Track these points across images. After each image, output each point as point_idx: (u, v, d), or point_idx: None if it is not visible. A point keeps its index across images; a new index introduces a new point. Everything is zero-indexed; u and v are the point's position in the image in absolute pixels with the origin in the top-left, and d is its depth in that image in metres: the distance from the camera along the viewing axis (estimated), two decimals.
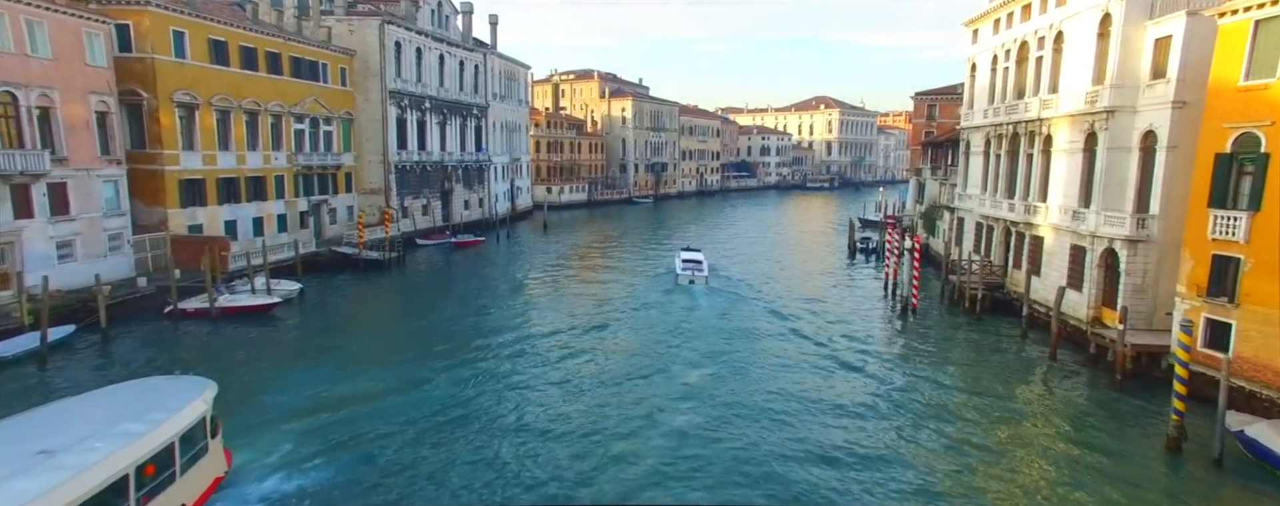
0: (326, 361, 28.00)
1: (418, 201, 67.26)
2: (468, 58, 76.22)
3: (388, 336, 34.49)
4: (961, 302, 40.17)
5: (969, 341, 34.11)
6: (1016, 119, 39.21)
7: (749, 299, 43.14)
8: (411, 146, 65.91)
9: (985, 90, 45.28)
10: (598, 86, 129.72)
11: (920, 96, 76.66)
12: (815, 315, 39.59)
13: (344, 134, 59.22)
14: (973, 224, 46.14)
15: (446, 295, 44.57)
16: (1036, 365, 29.54)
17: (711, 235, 78.41)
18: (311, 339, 32.69)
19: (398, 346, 31.28)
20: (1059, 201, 34.50)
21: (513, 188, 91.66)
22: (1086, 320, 31.07)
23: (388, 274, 50.20)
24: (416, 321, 37.14)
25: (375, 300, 43.11)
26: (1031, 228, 37.29)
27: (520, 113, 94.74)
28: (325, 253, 50.56)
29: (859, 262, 59.75)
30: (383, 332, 35.51)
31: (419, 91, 66.61)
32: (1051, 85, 36.13)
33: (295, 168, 52.22)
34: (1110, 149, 30.15)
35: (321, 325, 35.57)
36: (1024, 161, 38.94)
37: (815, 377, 27.97)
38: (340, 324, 36.53)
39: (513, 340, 32.23)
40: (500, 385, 26.01)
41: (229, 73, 44.56)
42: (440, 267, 55.73)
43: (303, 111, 53.02)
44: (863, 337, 34.71)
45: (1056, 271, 34.40)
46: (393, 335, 34.66)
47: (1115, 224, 29.33)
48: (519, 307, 40.14)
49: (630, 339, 33.38)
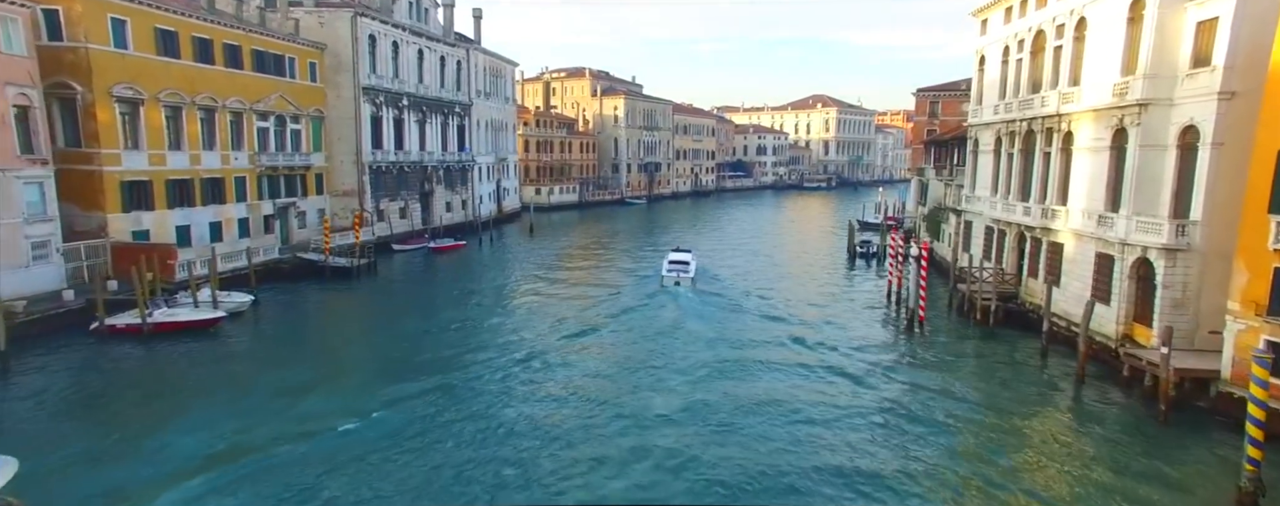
0: (256, 389, 24.63)
1: (395, 204, 63.93)
2: (449, 53, 72.90)
3: (337, 356, 31.04)
4: (972, 314, 36.99)
5: (983, 360, 30.93)
6: (1032, 115, 36.06)
7: (740, 310, 39.92)
8: (388, 146, 62.57)
9: (996, 84, 42.14)
10: (589, 84, 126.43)
11: (922, 93, 73.57)
12: (813, 327, 36.45)
13: (314, 133, 55.90)
14: (982, 228, 43.00)
15: (413, 306, 41.30)
16: (1062, 390, 26.35)
17: (705, 237, 75.24)
18: (249, 361, 29.27)
19: (345, 368, 27.93)
20: (1082, 205, 31.36)
21: (499, 189, 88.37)
22: (1115, 337, 27.91)
23: (356, 282, 46.86)
24: (372, 338, 33.81)
25: (336, 313, 39.76)
26: (1049, 233, 34.14)
27: (507, 111, 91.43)
28: (289, 259, 47.24)
29: (859, 268, 56.58)
30: (332, 352, 32.04)
31: (396, 88, 63.28)
32: (1072, 77, 32.97)
33: (258, 168, 48.91)
34: (1143, 146, 26.98)
35: (267, 343, 32.21)
36: (1040, 161, 35.79)
37: (812, 404, 24.78)
38: (288, 341, 33.15)
39: (474, 361, 28.82)
40: (445, 419, 22.56)
41: (180, 66, 41.20)
42: (414, 275, 52.43)
43: (267, 108, 49.70)
44: (865, 355, 31.50)
45: (1079, 282, 31.25)
46: (343, 355, 31.22)
47: (1149, 230, 26.17)
48: (488, 321, 36.82)
49: (609, 357, 30.12)
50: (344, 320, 38.12)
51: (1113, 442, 21.35)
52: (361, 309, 41.42)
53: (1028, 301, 36.05)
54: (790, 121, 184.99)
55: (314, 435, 20.76)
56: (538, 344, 31.75)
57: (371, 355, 29.87)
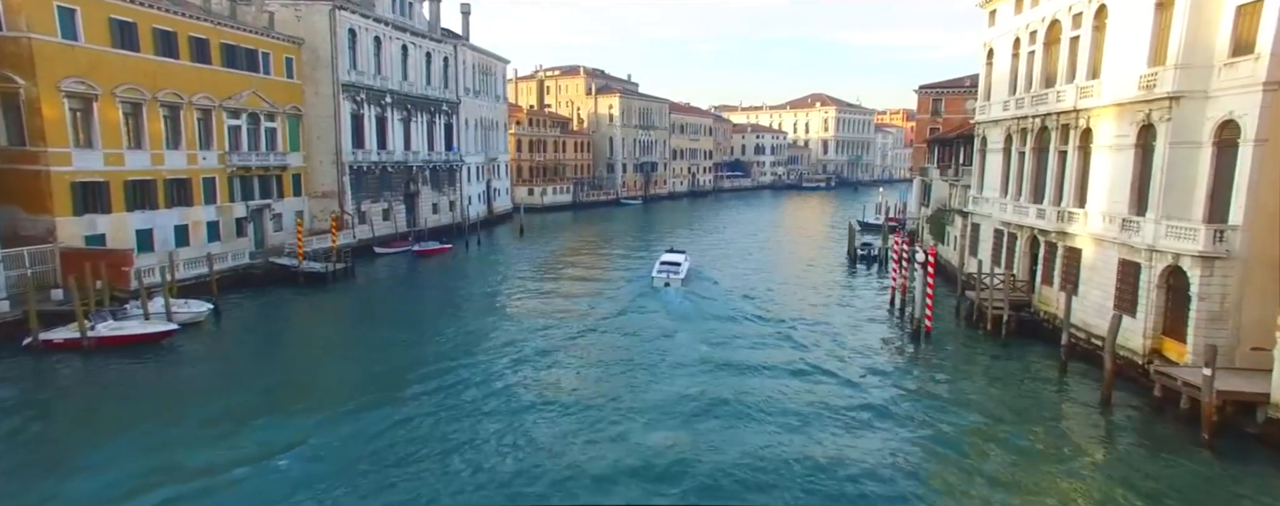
0: (191, 415, 22.09)
1: (377, 205, 61.49)
2: (436, 49, 70.46)
3: (292, 374, 28.30)
4: (982, 323, 34.67)
5: (997, 375, 28.55)
6: (1046, 111, 33.70)
7: (734, 319, 37.52)
8: (370, 145, 60.14)
9: (1005, 79, 39.76)
10: (584, 83, 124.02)
11: (924, 89, 71.22)
12: (811, 336, 34.15)
13: (291, 131, 53.49)
14: (990, 231, 40.66)
15: (386, 315, 38.88)
16: (1087, 411, 23.96)
17: (702, 239, 72.94)
18: (193, 380, 26.59)
19: (298, 388, 25.34)
20: (1102, 207, 28.99)
21: (489, 189, 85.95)
22: (1142, 352, 25.56)
23: (330, 289, 44.43)
24: (336, 352, 31.33)
25: (303, 323, 37.26)
26: (1066, 237, 31.78)
27: (498, 109, 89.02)
28: (261, 265, 44.80)
29: (860, 272, 54.20)
30: (289, 368, 29.29)
31: (379, 85, 60.85)
32: (1091, 70, 30.60)
33: (229, 169, 46.47)
34: (1173, 144, 24.60)
35: (218, 359, 29.60)
36: (1055, 160, 33.43)
37: (810, 425, 22.44)
38: (243, 357, 30.52)
39: (436, 380, 26.12)
40: (399, 455, 20.06)
41: (139, 59, 38.74)
42: (393, 280, 50.00)
43: (239, 106, 47.26)
44: (868, 369, 29.17)
45: (1099, 290, 28.89)
46: (300, 371, 28.52)
47: (1182, 236, 23.79)
48: (461, 332, 34.28)
49: (589, 376, 27.73)
50: (310, 331, 35.63)
51: (1150, 475, 18.94)
52: (332, 318, 38.99)
53: (1042, 310, 33.72)
54: (789, 121, 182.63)
55: (241, 472, 18.24)
56: (508, 361, 29.26)
57: (331, 372, 27.39)
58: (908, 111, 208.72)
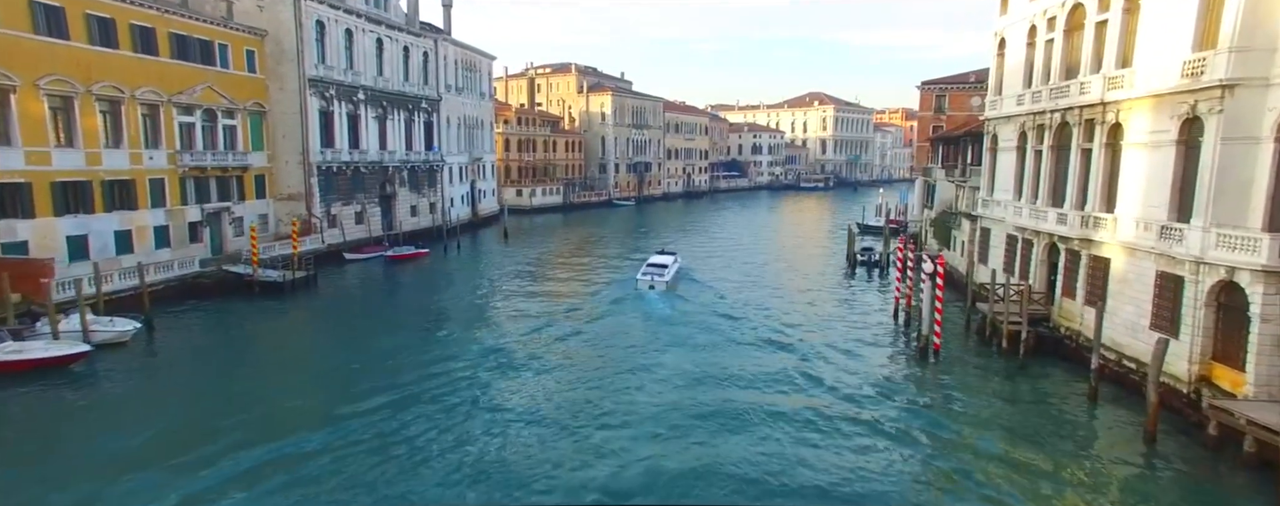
0: (50, 459, 18.58)
1: (349, 208, 58.06)
2: (414, 43, 67.03)
3: (215, 405, 23.80)
4: (995, 340, 31.37)
5: (1018, 403, 25.18)
6: (1067, 104, 30.36)
7: (723, 331, 34.19)
8: (341, 144, 56.73)
9: (1019, 71, 36.42)
10: (576, 80, 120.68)
11: (927, 86, 67.93)
12: (806, 352, 30.96)
13: (253, 129, 50.10)
14: (1002, 236, 37.32)
15: (343, 331, 35.55)
16: (1129, 448, 20.59)
17: (696, 241, 69.76)
18: (90, 415, 22.74)
19: (215, 424, 21.44)
20: (1136, 211, 25.66)
21: (474, 191, 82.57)
22: (1187, 380, 22.21)
23: (288, 299, 40.98)
24: (274, 376, 27.48)
25: (248, 339, 33.64)
26: (1090, 245, 28.45)
27: (483, 107, 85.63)
28: (212, 273, 41.36)
29: (860, 278, 50.84)
30: (213, 398, 24.62)
31: (350, 80, 57.43)
32: (1121, 58, 27.25)
33: (181, 169, 43.06)
34: (1225, 140, 21.26)
35: (129, 387, 25.77)
36: (1078, 159, 30.09)
37: (803, 455, 19.30)
38: (160, 385, 26.46)
39: (380, 414, 22.70)
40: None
41: (68, 48, 35.31)
42: (360, 289, 46.54)
43: (192, 101, 43.86)
44: (869, 390, 25.90)
45: (1132, 306, 25.55)
46: (224, 402, 24.12)
47: (1238, 247, 20.45)
48: (418, 350, 30.63)
49: (565, 396, 24.37)
50: (251, 350, 32.00)
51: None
52: (280, 334, 35.47)
53: (1062, 325, 30.37)
54: (786, 120, 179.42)
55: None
56: (463, 385, 25.91)
57: (258, 403, 23.73)
58: (907, 110, 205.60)
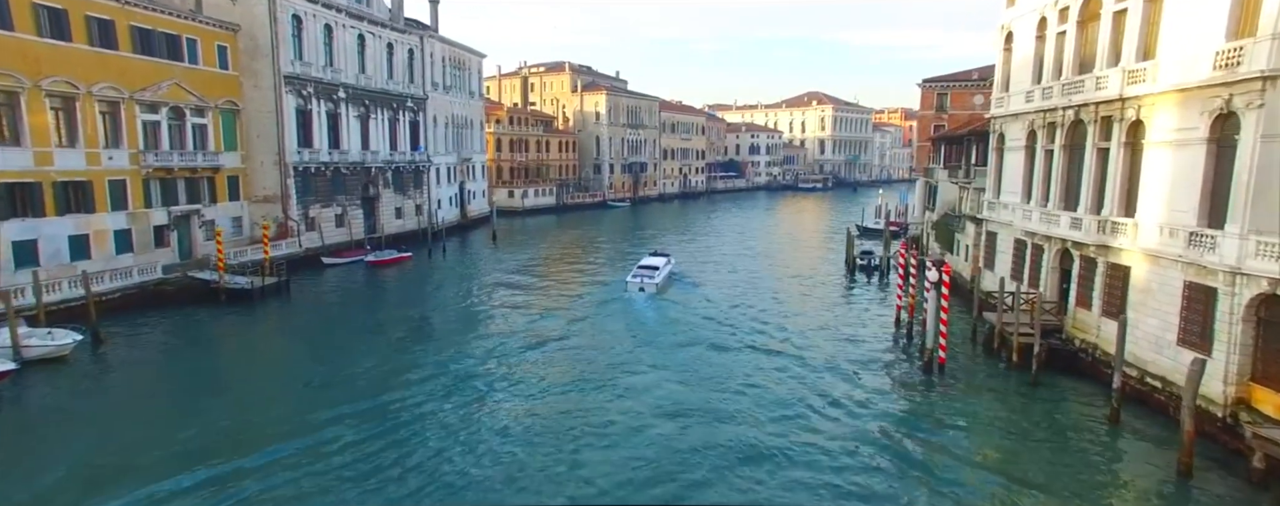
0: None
1: (329, 210, 55.90)
2: (399, 40, 64.89)
3: (139, 431, 21.27)
4: (1003, 352, 29.33)
5: (1031, 425, 23.07)
6: (1081, 101, 28.30)
7: (714, 338, 32.15)
8: (320, 144, 54.59)
9: (1028, 66, 34.36)
10: (569, 79, 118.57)
11: (928, 84, 65.83)
12: (801, 363, 29.14)
13: (226, 128, 47.96)
14: (1010, 241, 35.27)
15: (309, 342, 33.51)
16: (1160, 481, 18.53)
17: (691, 244, 67.89)
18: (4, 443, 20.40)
19: (134, 454, 19.37)
20: (1159, 216, 23.61)
21: (463, 192, 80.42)
22: (1222, 403, 20.15)
23: (256, 308, 38.86)
24: (222, 396, 24.76)
25: (203, 354, 31.18)
26: (1108, 252, 26.38)
27: (473, 106, 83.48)
28: (176, 280, 39.21)
29: (860, 283, 48.76)
30: (140, 423, 22.08)
31: (330, 78, 55.29)
32: (1142, 50, 25.21)
33: (144, 170, 40.93)
34: (1267, 137, 19.20)
35: (56, 409, 23.41)
36: (1093, 159, 28.02)
37: (797, 479, 17.07)
38: (91, 405, 23.89)
39: (334, 443, 20.85)
40: None
41: (14, 39, 33.13)
42: (335, 296, 44.33)
43: (157, 98, 41.73)
44: (870, 409, 23.91)
45: (1156, 318, 23.49)
46: (149, 428, 21.58)
47: None
48: (387, 364, 28.51)
49: (540, 415, 22.29)
50: (206, 364, 29.68)
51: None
52: (241, 346, 33.25)
53: (1076, 337, 28.29)
54: (784, 119, 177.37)
55: None
56: (433, 398, 23.90)
57: (200, 425, 21.59)
58: (906, 110, 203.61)
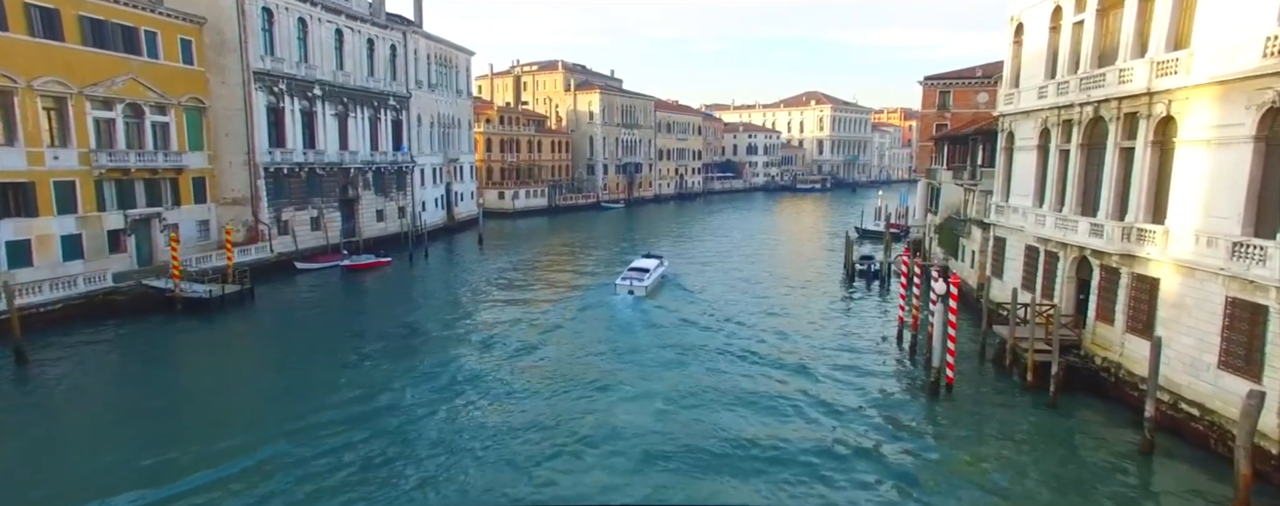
0: None
1: (304, 213, 53.36)
2: (380, 35, 62.34)
3: (40, 466, 18.96)
4: (1016, 371, 26.92)
5: (1053, 457, 20.55)
6: (1102, 96, 25.81)
7: (702, 351, 29.67)
8: (294, 143, 52.04)
9: (1040, 60, 31.90)
10: (563, 78, 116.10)
11: (930, 81, 63.39)
12: (794, 381, 26.72)
13: (191, 127, 45.44)
14: (1020, 247, 32.80)
15: (260, 356, 31.15)
16: None
17: (685, 246, 65.67)
18: None
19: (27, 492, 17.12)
20: (1195, 223, 21.13)
21: (450, 194, 77.90)
22: (1278, 438, 17.66)
23: (215, 318, 36.30)
24: (140, 423, 21.99)
25: (140, 371, 28.13)
26: (1133, 262, 23.90)
27: (460, 105, 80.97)
28: (128, 288, 36.68)
29: (858, 291, 46.24)
30: (46, 454, 19.86)
31: (304, 74, 52.76)
32: (1174, 38, 22.75)
33: (97, 170, 38.41)
34: None
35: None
36: (1115, 159, 25.55)
37: None
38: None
39: (263, 467, 18.39)
40: None
41: None
42: (303, 305, 41.71)
43: (111, 95, 39.21)
44: (872, 436, 21.48)
45: (1191, 337, 21.01)
46: (54, 460, 19.37)
47: None
48: (336, 385, 26.05)
49: (512, 436, 19.79)
50: (144, 383, 26.81)
51: None
52: (190, 363, 30.52)
53: (1096, 355, 25.79)
54: (783, 119, 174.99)
55: None
56: (379, 419, 21.41)
57: (119, 455, 19.23)
58: (905, 110, 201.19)
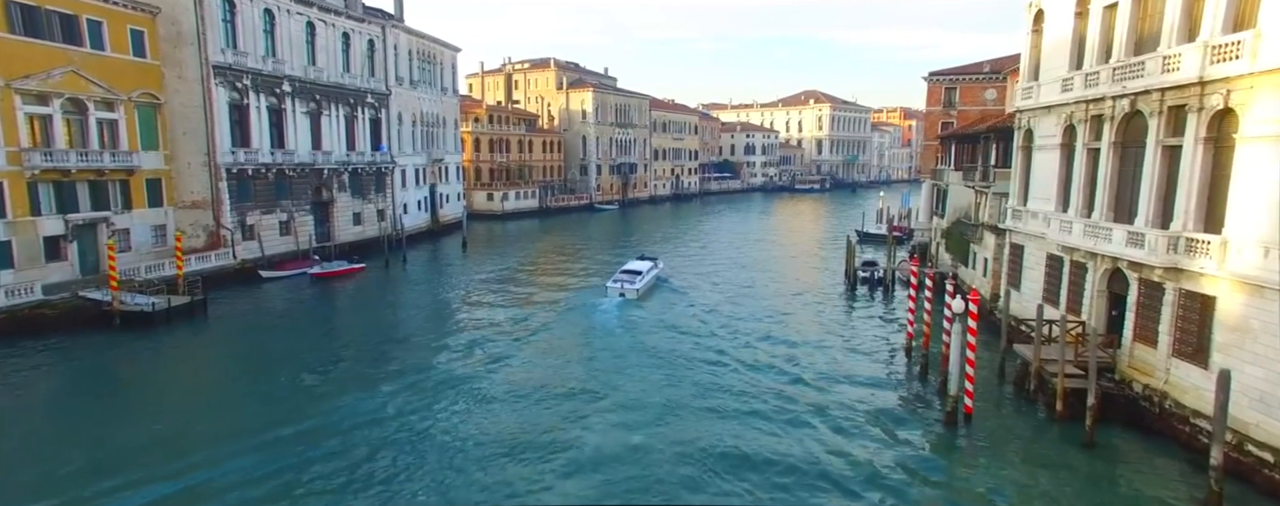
0: None
1: (271, 217, 50.16)
2: (356, 29, 59.15)
3: None
4: (1042, 397, 23.84)
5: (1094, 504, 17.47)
6: (1141, 87, 22.70)
7: (691, 366, 26.52)
8: (259, 143, 48.85)
9: (1064, 49, 28.79)
10: (554, 76, 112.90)
11: (935, 77, 60.26)
12: (791, 406, 23.71)
13: (144, 124, 42.30)
14: (1041, 256, 29.70)
15: (199, 381, 27.85)
16: None
17: (680, 250, 62.85)
18: None
19: None
20: (1261, 232, 18.04)
21: (434, 195, 74.70)
22: None
23: (158, 334, 33.09)
24: (42, 464, 19.67)
25: (51, 402, 24.78)
26: (1181, 277, 20.78)
27: (445, 103, 77.78)
28: (62, 301, 33.48)
29: (861, 299, 43.12)
30: None
31: (271, 69, 49.58)
32: (1235, 18, 19.63)
33: (30, 171, 35.26)
34: None
35: None
36: (1157, 159, 22.43)
37: None
38: None
39: None
40: None
41: None
42: (264, 318, 38.43)
43: (46, 88, 36.09)
44: (882, 478, 18.31)
45: (1258, 368, 17.93)
46: None
47: None
48: (281, 415, 23.12)
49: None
50: (54, 416, 23.62)
51: None
52: (119, 389, 27.08)
53: (1135, 381, 22.63)
54: (781, 119, 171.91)
55: None
56: (326, 445, 18.27)
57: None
58: (905, 109, 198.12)
